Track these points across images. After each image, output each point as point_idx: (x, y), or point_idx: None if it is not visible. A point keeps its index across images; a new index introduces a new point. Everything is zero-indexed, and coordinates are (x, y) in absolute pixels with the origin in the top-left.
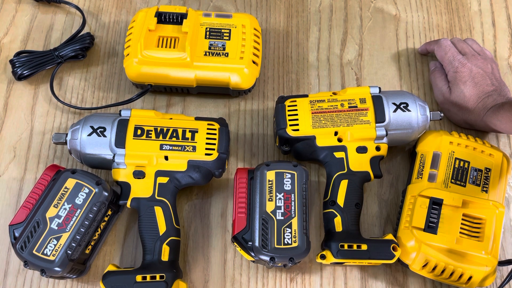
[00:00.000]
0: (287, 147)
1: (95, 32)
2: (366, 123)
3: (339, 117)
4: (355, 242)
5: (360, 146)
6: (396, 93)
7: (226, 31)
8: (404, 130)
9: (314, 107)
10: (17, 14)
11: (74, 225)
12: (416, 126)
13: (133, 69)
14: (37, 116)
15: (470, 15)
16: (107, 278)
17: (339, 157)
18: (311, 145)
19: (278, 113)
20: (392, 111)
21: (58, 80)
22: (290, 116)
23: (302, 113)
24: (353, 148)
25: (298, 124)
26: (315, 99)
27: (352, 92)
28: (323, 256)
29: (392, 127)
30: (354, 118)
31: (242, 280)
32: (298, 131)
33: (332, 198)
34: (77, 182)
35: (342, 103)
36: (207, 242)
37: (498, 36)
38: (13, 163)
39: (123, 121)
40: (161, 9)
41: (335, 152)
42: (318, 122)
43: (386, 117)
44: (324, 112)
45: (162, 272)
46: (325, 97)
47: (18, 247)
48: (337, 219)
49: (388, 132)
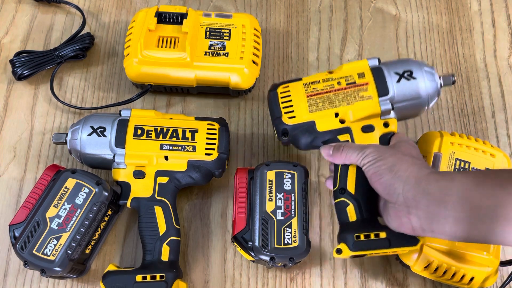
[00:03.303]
0: (286, 138)
1: (95, 32)
2: (368, 98)
3: (337, 97)
4: (372, 231)
5: (365, 125)
6: (397, 61)
7: (226, 31)
8: (413, 100)
9: (309, 90)
10: (17, 14)
11: (74, 225)
12: (425, 95)
13: (133, 69)
14: (37, 116)
15: (470, 15)
16: (107, 278)
17: (344, 140)
18: (311, 132)
19: (271, 102)
20: (396, 82)
21: (58, 80)
22: (284, 103)
23: (296, 98)
24: (358, 129)
25: (294, 110)
26: (309, 81)
27: (349, 67)
28: (339, 251)
29: (398, 99)
30: (354, 96)
31: (242, 280)
32: (295, 118)
33: (341, 185)
34: (77, 182)
35: (338, 81)
36: (207, 242)
37: (498, 36)
38: (13, 163)
39: (123, 121)
40: (161, 9)
41: (339, 136)
42: (315, 106)
43: (390, 89)
44: (320, 94)
45: (162, 272)
46: (320, 77)
47: (18, 247)
48: (349, 208)
49: (394, 105)
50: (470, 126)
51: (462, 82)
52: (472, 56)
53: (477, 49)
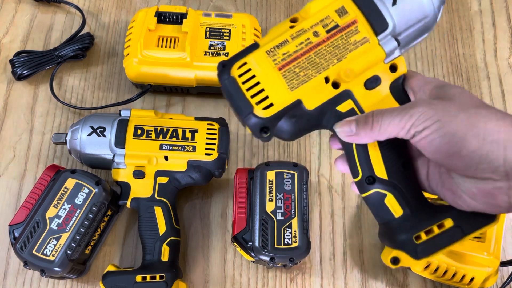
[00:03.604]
0: (267, 134)
1: (95, 32)
2: (363, 42)
3: (321, 55)
4: (432, 222)
5: (368, 79)
6: None
7: (226, 31)
8: (419, 23)
9: (278, 58)
10: (17, 14)
11: (74, 225)
12: (431, 9)
13: (133, 69)
14: (37, 116)
15: (471, 15)
16: (107, 278)
17: (346, 109)
18: (300, 115)
19: (230, 93)
20: (391, 5)
21: (58, 80)
22: (250, 90)
23: (265, 77)
24: (360, 88)
25: (268, 96)
26: (272, 45)
27: (318, 6)
28: (396, 260)
29: (402, 28)
30: (343, 46)
31: (242, 281)
32: (273, 106)
33: (366, 173)
34: (76, 182)
35: (314, 31)
36: (207, 242)
37: (498, 36)
38: (13, 163)
39: (123, 121)
40: (161, 9)
41: (338, 107)
42: (295, 78)
43: (387, 18)
44: (296, 59)
45: (162, 272)
46: (286, 34)
47: (17, 247)
48: (388, 199)
49: (399, 38)
50: None
51: (463, 82)
52: (472, 56)
53: (478, 49)
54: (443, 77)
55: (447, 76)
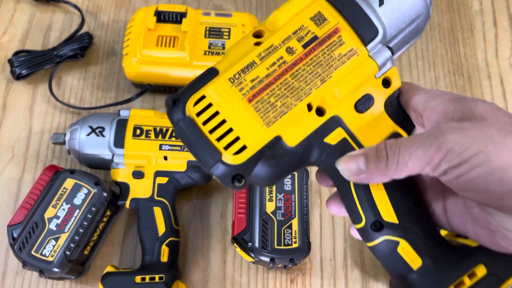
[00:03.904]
0: (241, 182)
1: (94, 32)
2: (351, 55)
3: (300, 78)
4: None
5: (359, 100)
6: None
7: (226, 30)
8: (412, 24)
9: (246, 87)
10: (15, 13)
11: (72, 226)
12: (424, 5)
13: (132, 68)
14: (35, 116)
15: (471, 14)
16: (106, 279)
17: (337, 141)
18: (280, 155)
19: (189, 140)
20: (378, 6)
21: (56, 80)
22: (213, 132)
23: (232, 113)
24: (351, 111)
25: (239, 137)
26: (236, 70)
27: (288, 15)
28: None
29: (393, 32)
30: (326, 62)
31: (242, 281)
32: (247, 149)
33: (371, 218)
34: (75, 183)
35: (288, 47)
36: (206, 243)
37: (499, 36)
38: (12, 163)
39: (122, 121)
40: (160, 8)
41: (326, 138)
42: (271, 110)
43: (376, 22)
44: (269, 86)
45: (161, 273)
46: (251, 54)
47: (16, 248)
48: (403, 248)
49: (390, 45)
50: None
51: (464, 82)
52: (473, 55)
53: (479, 48)
54: (444, 77)
55: (448, 76)
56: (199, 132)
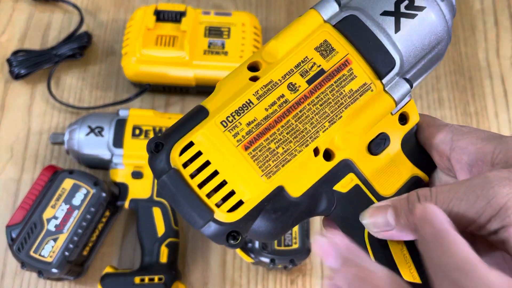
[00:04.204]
0: (237, 240)
1: (93, 31)
2: (364, 91)
3: (304, 120)
4: None
5: (373, 141)
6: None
7: (225, 30)
8: (433, 50)
9: (241, 132)
10: (14, 12)
11: (71, 226)
12: (445, 28)
13: (131, 68)
14: (34, 115)
15: (473, 13)
16: (105, 280)
17: (349, 188)
18: (283, 207)
19: (175, 196)
20: (394, 32)
21: (55, 80)
22: (204, 186)
23: (225, 163)
24: (363, 154)
25: (234, 191)
26: (229, 112)
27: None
28: None
29: (411, 61)
30: (335, 100)
31: (242, 282)
32: (243, 205)
33: None
34: (74, 183)
35: (290, 84)
36: (206, 244)
37: (500, 35)
38: (10, 163)
39: (121, 121)
40: (160, 7)
41: (336, 186)
42: (272, 159)
43: (392, 52)
44: (268, 130)
45: (160, 273)
46: (247, 92)
47: (15, 249)
48: None
49: (408, 76)
50: (473, 126)
51: (465, 82)
52: (474, 55)
53: (480, 48)
54: (445, 76)
55: (449, 75)
56: (186, 187)
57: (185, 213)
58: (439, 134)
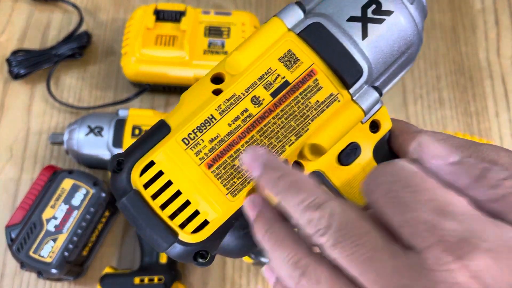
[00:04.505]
0: (205, 259)
1: (92, 31)
2: (331, 102)
3: (269, 134)
4: None
5: (342, 152)
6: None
7: (225, 29)
8: (403, 55)
9: (204, 150)
10: (13, 12)
11: (71, 227)
12: (414, 32)
13: (131, 68)
14: (33, 115)
15: (473, 13)
16: (104, 281)
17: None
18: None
19: (136, 221)
20: (361, 39)
21: (55, 79)
22: (166, 207)
23: (188, 183)
24: (333, 165)
25: (198, 211)
26: (191, 129)
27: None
28: None
29: (380, 69)
30: (301, 113)
31: (242, 282)
32: (208, 225)
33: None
34: (74, 183)
35: (253, 97)
36: None
37: (501, 35)
38: (10, 163)
39: (120, 120)
40: (160, 7)
41: None
42: (236, 176)
43: (359, 59)
44: (232, 147)
45: (160, 274)
46: (209, 107)
47: (14, 249)
48: None
49: (378, 83)
50: (474, 126)
51: (465, 81)
52: (475, 55)
53: (480, 47)
54: (445, 76)
55: (450, 75)
56: (147, 209)
57: (148, 236)
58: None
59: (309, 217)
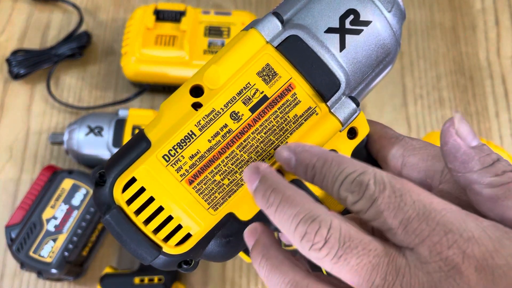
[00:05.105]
0: (190, 265)
1: (92, 31)
2: (309, 116)
3: (249, 149)
4: None
5: None
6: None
7: (225, 29)
8: (381, 63)
9: (185, 166)
10: (13, 12)
11: (71, 227)
12: (392, 40)
13: (131, 68)
14: (33, 115)
15: (473, 13)
16: (104, 281)
17: None
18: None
19: (120, 237)
20: (339, 51)
21: (55, 79)
22: (149, 223)
23: (169, 199)
24: None
25: (180, 225)
26: (171, 145)
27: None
28: None
29: (358, 79)
30: (279, 127)
31: (242, 282)
32: (191, 237)
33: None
34: (74, 183)
35: (232, 112)
36: None
37: (501, 35)
38: (9, 163)
39: (120, 121)
40: (160, 7)
41: None
42: (218, 190)
43: (337, 72)
44: (212, 162)
45: (160, 274)
46: (189, 123)
47: (14, 249)
48: None
49: (354, 95)
50: (474, 126)
51: (465, 81)
52: (475, 54)
53: (480, 47)
54: (446, 76)
55: (450, 75)
56: (130, 226)
57: (133, 251)
58: (391, 149)
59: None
